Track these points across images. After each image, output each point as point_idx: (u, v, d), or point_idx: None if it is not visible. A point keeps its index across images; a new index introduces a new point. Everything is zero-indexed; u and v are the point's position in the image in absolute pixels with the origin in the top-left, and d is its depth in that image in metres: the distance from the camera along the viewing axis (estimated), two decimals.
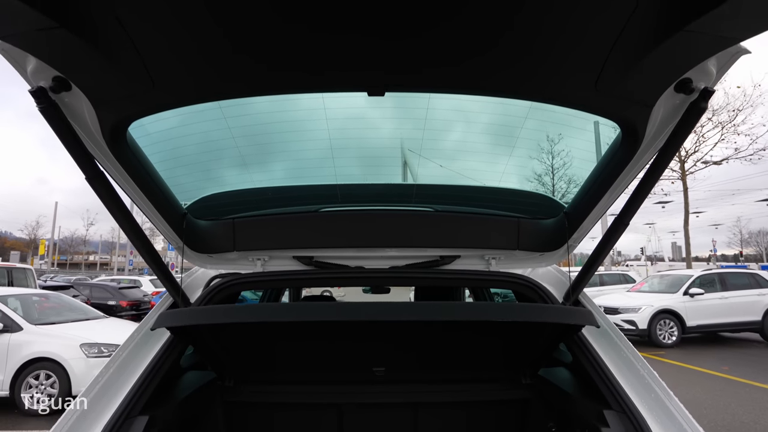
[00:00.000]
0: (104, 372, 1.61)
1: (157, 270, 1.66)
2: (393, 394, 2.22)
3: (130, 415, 1.52)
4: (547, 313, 1.49)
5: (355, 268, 1.95)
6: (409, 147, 1.82)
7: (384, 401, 2.24)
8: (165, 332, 1.75)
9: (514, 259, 2.04)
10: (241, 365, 2.10)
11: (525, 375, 2.21)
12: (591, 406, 1.63)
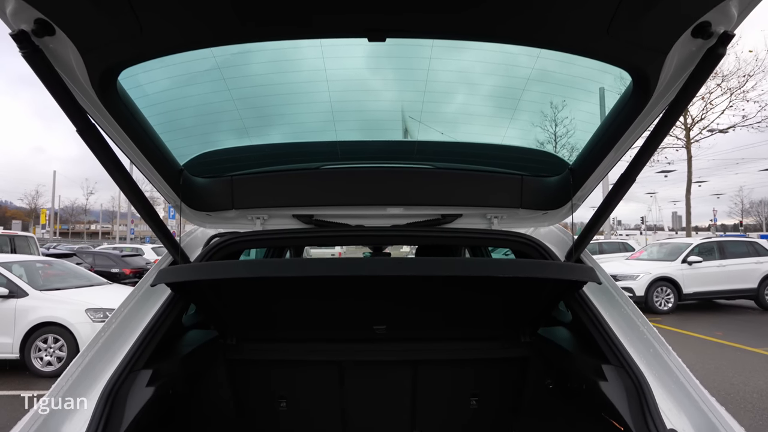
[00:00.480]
0: (106, 328, 1.62)
1: (155, 227, 1.63)
2: (393, 352, 2.25)
3: (134, 368, 1.54)
4: (549, 270, 1.48)
5: (355, 227, 1.93)
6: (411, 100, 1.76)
7: (384, 359, 2.28)
8: (165, 290, 1.75)
9: (516, 219, 2.01)
10: (242, 323, 2.12)
11: (524, 333, 2.23)
12: (589, 362, 1.65)
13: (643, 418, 1.40)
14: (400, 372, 2.41)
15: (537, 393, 2.35)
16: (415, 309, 2.01)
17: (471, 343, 2.26)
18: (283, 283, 1.73)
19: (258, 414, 2.48)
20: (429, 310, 2.02)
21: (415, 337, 2.24)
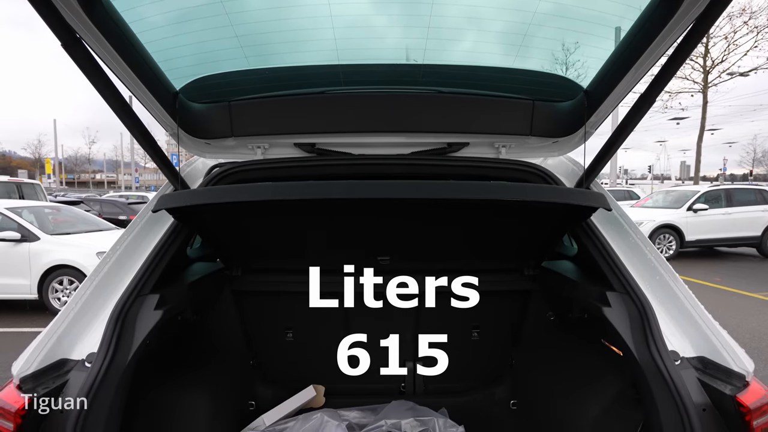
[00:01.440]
0: (111, 254, 1.62)
1: (153, 153, 1.58)
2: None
3: (141, 293, 1.55)
4: (559, 195, 1.44)
5: (358, 156, 1.87)
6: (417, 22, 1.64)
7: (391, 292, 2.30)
8: (168, 219, 1.73)
9: (526, 148, 1.94)
10: (246, 254, 2.13)
11: (528, 266, 2.24)
12: (594, 290, 1.65)
13: (645, 341, 1.41)
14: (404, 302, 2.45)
15: (538, 325, 2.40)
16: (419, 240, 2.00)
17: (475, 276, 2.27)
18: (285, 210, 1.71)
19: (265, 344, 2.57)
20: (433, 241, 2.01)
21: (418, 270, 2.25)
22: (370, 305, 2.45)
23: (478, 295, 2.39)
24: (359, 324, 2.51)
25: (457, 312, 2.47)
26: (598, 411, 1.77)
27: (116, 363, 1.38)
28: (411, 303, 2.45)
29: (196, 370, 2.08)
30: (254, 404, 2.47)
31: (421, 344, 2.55)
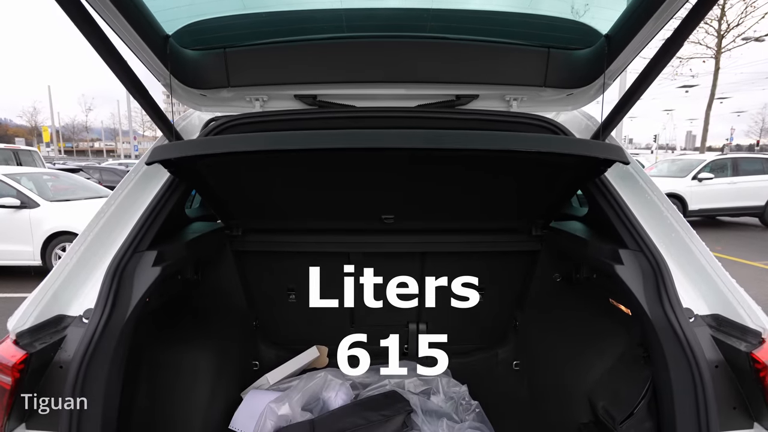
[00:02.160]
0: (105, 209, 1.56)
1: (145, 104, 1.49)
2: (401, 244, 2.23)
3: (138, 249, 1.50)
4: (577, 146, 1.35)
5: (362, 108, 1.78)
6: None
7: (392, 251, 2.26)
8: (164, 174, 1.66)
9: (538, 101, 1.84)
10: (246, 212, 2.07)
11: (536, 226, 2.18)
12: (606, 248, 1.59)
13: (659, 298, 1.37)
14: (407, 264, 2.41)
15: (543, 286, 2.37)
16: (425, 197, 1.93)
17: (481, 236, 2.22)
18: (285, 162, 1.63)
19: (268, 306, 2.55)
20: (440, 199, 1.94)
21: (424, 229, 2.20)
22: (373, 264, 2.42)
23: (483, 256, 2.35)
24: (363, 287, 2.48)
25: (462, 271, 2.44)
26: (603, 370, 1.76)
27: (115, 319, 1.35)
28: (415, 263, 2.41)
29: (199, 330, 2.07)
30: (258, 364, 2.48)
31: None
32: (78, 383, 1.25)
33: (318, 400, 2.08)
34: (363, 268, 2.42)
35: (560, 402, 1.91)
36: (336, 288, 2.46)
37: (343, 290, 2.45)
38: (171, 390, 1.85)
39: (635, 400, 1.51)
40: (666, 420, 1.35)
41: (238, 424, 1.99)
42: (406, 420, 2.00)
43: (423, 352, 1.90)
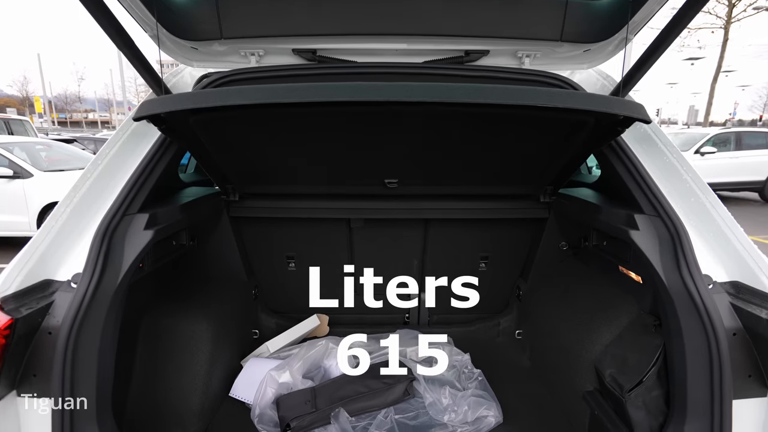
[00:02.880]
0: (91, 170, 1.46)
1: (131, 56, 1.38)
2: (404, 210, 2.15)
3: (128, 212, 1.42)
4: (596, 102, 1.25)
5: (365, 64, 1.66)
6: None
7: (395, 217, 2.19)
8: (155, 133, 1.56)
9: (553, 57, 1.72)
10: (242, 175, 1.98)
11: (545, 193, 2.10)
12: (620, 213, 1.52)
13: (677, 265, 1.31)
14: (410, 231, 2.35)
15: (549, 255, 2.32)
16: (431, 160, 1.84)
17: (487, 203, 2.14)
18: (282, 119, 1.53)
19: (267, 274, 2.50)
20: (447, 161, 1.85)
21: (428, 195, 2.11)
22: (374, 233, 2.35)
23: (489, 223, 2.27)
24: (363, 252, 2.43)
25: (466, 240, 2.38)
26: (610, 338, 1.72)
27: (105, 284, 1.28)
28: (418, 230, 2.34)
29: (198, 297, 2.01)
30: (258, 333, 2.45)
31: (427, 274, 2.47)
32: (69, 349, 1.19)
33: (319, 368, 2.05)
34: (364, 234, 2.35)
35: (564, 370, 1.89)
36: (336, 255, 2.40)
37: (343, 257, 2.39)
38: (169, 358, 1.81)
39: (645, 369, 1.47)
40: (677, 388, 1.32)
41: (238, 392, 1.97)
42: (408, 388, 1.98)
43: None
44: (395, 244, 2.39)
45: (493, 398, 1.91)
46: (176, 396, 1.78)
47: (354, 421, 1.82)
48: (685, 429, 1.27)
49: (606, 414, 1.58)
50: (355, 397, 1.87)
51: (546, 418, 1.87)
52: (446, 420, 1.82)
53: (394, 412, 1.86)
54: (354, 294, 2.56)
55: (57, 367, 1.18)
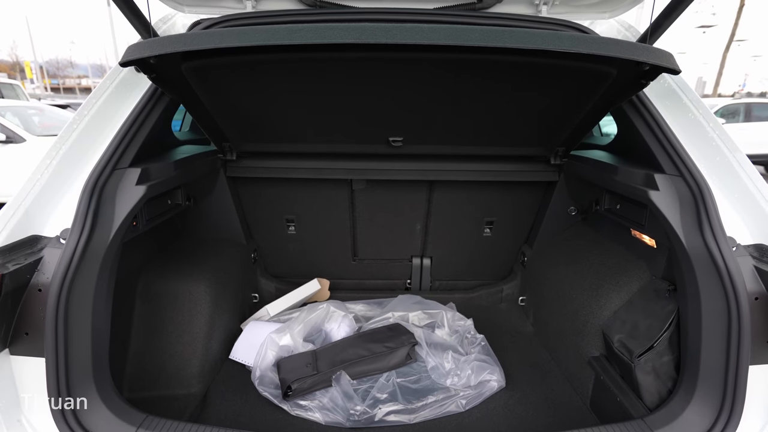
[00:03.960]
0: (77, 120, 1.37)
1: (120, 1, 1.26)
2: (408, 171, 2.07)
3: (119, 166, 1.34)
4: (622, 48, 1.15)
5: (371, 9, 1.53)
6: None
7: (398, 179, 2.11)
8: (145, 83, 1.46)
9: (572, 5, 1.60)
10: (239, 131, 1.88)
11: (556, 154, 2.01)
12: (639, 173, 1.44)
13: (699, 226, 1.24)
14: (414, 195, 2.27)
15: (556, 220, 2.25)
16: (439, 116, 1.74)
17: (495, 164, 2.06)
18: (281, 68, 1.42)
19: (266, 237, 2.44)
20: (454, 119, 1.75)
21: (433, 154, 2.02)
22: (377, 195, 2.27)
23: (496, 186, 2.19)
24: (365, 215, 2.36)
25: (472, 204, 2.30)
26: (619, 304, 1.68)
27: (96, 240, 1.22)
28: (422, 193, 2.26)
29: (196, 260, 1.96)
30: (257, 297, 2.42)
31: (430, 237, 2.41)
32: (60, 307, 1.14)
33: (320, 332, 2.03)
34: (366, 196, 2.28)
35: (569, 336, 1.86)
36: (337, 218, 2.34)
37: (344, 220, 2.33)
38: (168, 319, 1.78)
39: (656, 334, 1.43)
40: (689, 353, 1.28)
41: (238, 355, 1.94)
42: (411, 352, 1.96)
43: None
44: (398, 207, 2.32)
45: (496, 363, 1.89)
46: (176, 358, 1.75)
47: (356, 384, 1.80)
48: (696, 393, 1.24)
49: (612, 379, 1.55)
50: (357, 361, 1.85)
51: (549, 383, 1.86)
52: (449, 384, 1.81)
53: (396, 375, 1.85)
54: (355, 259, 2.52)
55: (49, 324, 1.13)
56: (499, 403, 1.76)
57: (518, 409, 1.73)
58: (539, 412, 1.72)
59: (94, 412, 1.21)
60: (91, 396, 1.22)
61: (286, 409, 1.69)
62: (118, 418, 1.22)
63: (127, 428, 1.20)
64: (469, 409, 1.73)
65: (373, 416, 1.65)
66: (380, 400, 1.72)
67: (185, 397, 1.72)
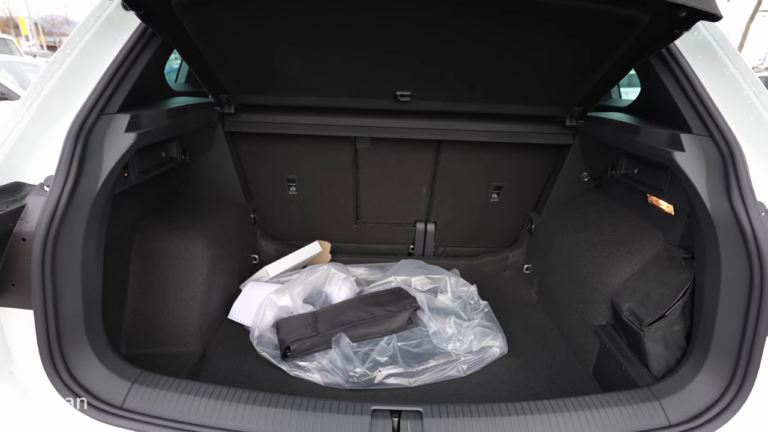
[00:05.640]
0: (59, 60, 1.26)
1: None
2: (415, 130, 1.97)
3: (106, 111, 1.24)
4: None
5: None
6: None
7: (404, 137, 2.01)
8: (135, 23, 1.34)
9: None
10: (236, 81, 1.76)
11: (572, 115, 1.90)
12: (663, 133, 1.34)
13: (726, 190, 1.16)
14: (420, 155, 2.17)
15: (567, 186, 2.17)
16: (449, 70, 1.62)
17: (507, 124, 1.95)
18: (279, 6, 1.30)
19: (267, 197, 2.37)
20: (466, 72, 1.63)
21: (442, 112, 1.91)
22: (382, 154, 2.18)
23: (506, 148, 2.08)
24: (369, 174, 2.27)
25: (480, 167, 2.21)
26: (630, 272, 1.62)
27: (83, 189, 1.14)
28: (429, 154, 2.16)
29: (193, 218, 1.89)
30: (257, 258, 2.37)
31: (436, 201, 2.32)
32: (47, 258, 1.08)
33: (320, 294, 1.99)
34: (370, 156, 2.18)
35: (575, 304, 1.82)
36: (340, 179, 2.25)
37: (347, 181, 2.24)
38: (165, 278, 1.73)
39: (668, 303, 1.38)
40: (703, 321, 1.23)
41: (237, 315, 1.91)
42: (413, 317, 1.92)
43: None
44: (404, 169, 2.22)
45: (498, 329, 1.86)
46: (174, 316, 1.72)
47: (355, 346, 1.78)
48: (707, 362, 1.20)
49: (618, 347, 1.51)
50: (357, 323, 1.81)
51: (551, 351, 1.83)
52: (450, 348, 1.78)
53: (397, 339, 1.82)
54: (358, 222, 2.46)
55: (36, 275, 1.08)
56: (500, 369, 1.74)
57: (519, 375, 1.71)
58: (541, 378, 1.70)
59: (87, 367, 1.17)
60: (84, 350, 1.18)
61: (285, 369, 1.67)
62: (113, 373, 1.18)
63: (122, 383, 1.17)
64: (470, 374, 1.71)
65: (373, 378, 1.63)
66: (380, 362, 1.70)
67: (183, 355, 1.70)
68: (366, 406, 1.13)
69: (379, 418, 1.11)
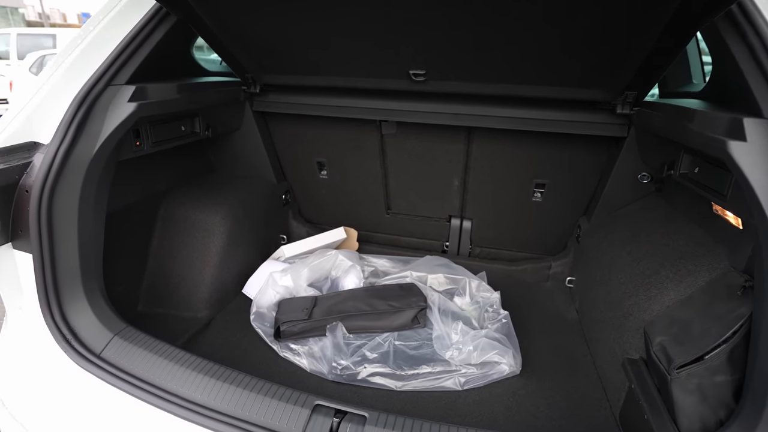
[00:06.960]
0: (83, 35, 1.38)
1: None
2: (441, 115, 1.80)
3: (114, 82, 1.35)
4: None
5: None
6: None
7: (431, 122, 1.85)
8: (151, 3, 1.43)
9: None
10: (256, 61, 1.78)
11: (624, 101, 1.55)
12: (720, 117, 1.01)
13: None
14: (450, 144, 1.99)
15: (623, 188, 1.80)
16: (470, 47, 1.42)
17: (548, 111, 1.67)
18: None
19: (297, 180, 2.40)
20: (490, 49, 1.41)
21: (469, 94, 1.70)
22: (410, 141, 2.05)
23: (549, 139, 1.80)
24: (398, 167, 2.16)
25: (519, 159, 1.95)
26: (675, 298, 1.27)
27: (80, 150, 1.26)
28: (460, 144, 1.97)
29: (217, 192, 1.99)
30: (285, 238, 2.42)
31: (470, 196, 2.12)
32: (43, 208, 1.20)
33: (326, 279, 1.95)
34: (397, 143, 2.07)
35: (608, 330, 1.49)
36: (369, 165, 2.17)
37: (376, 167, 2.16)
38: (183, 246, 1.85)
39: (711, 342, 1.04)
40: (758, 375, 0.89)
41: (249, 290, 1.97)
42: (420, 316, 1.77)
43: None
44: (433, 158, 2.06)
45: (511, 345, 1.62)
46: (187, 281, 1.82)
47: (351, 338, 1.70)
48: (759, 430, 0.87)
49: (645, 390, 1.20)
50: (355, 314, 1.73)
51: (576, 381, 1.53)
52: (448, 357, 1.60)
53: (396, 337, 1.69)
54: (389, 212, 2.36)
55: (33, 222, 1.21)
56: (506, 390, 1.51)
57: (527, 402, 1.46)
58: (553, 410, 1.43)
59: (79, 313, 1.29)
60: (78, 297, 1.30)
61: (276, 349, 1.66)
62: (100, 322, 1.28)
63: (105, 333, 1.26)
64: (468, 389, 1.52)
65: (356, 374, 1.54)
66: (368, 359, 1.60)
67: (192, 319, 1.79)
68: (311, 399, 1.06)
69: (320, 414, 1.02)
